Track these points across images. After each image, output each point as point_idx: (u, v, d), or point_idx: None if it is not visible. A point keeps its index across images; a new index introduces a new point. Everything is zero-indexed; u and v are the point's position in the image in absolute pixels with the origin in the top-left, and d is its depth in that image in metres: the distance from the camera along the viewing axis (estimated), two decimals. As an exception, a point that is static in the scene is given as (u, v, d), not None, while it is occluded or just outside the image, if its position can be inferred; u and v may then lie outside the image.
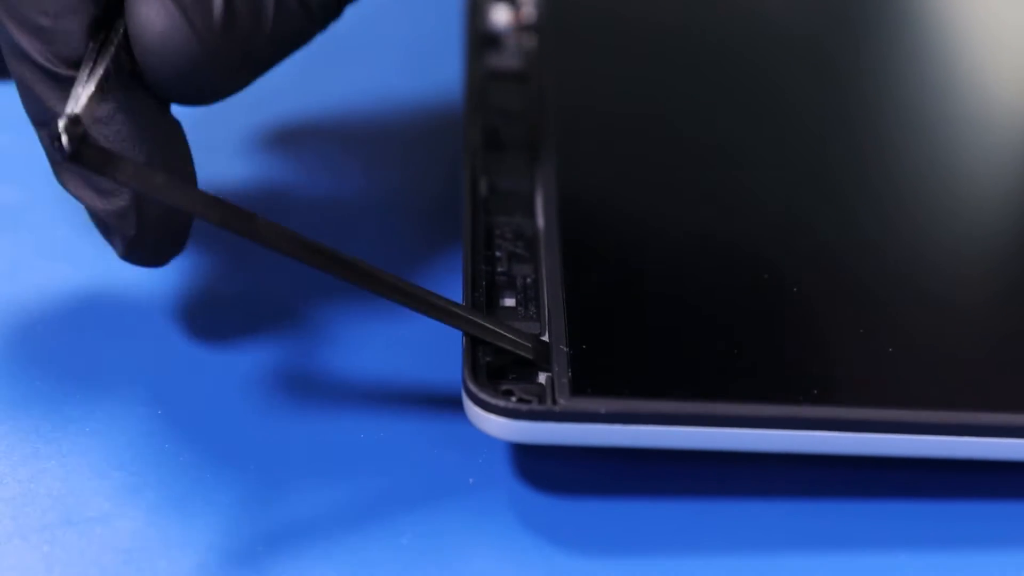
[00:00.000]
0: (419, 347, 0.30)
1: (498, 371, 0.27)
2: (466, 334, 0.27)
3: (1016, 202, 0.34)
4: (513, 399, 0.26)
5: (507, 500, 0.28)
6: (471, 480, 0.28)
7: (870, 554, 0.27)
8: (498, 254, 0.30)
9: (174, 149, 0.28)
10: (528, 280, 0.29)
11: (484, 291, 0.29)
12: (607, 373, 0.27)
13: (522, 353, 0.27)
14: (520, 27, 0.37)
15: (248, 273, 0.32)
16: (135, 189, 0.25)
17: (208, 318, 0.31)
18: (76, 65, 0.26)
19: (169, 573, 0.26)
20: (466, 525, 0.27)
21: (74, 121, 0.23)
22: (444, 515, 0.27)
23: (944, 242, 0.32)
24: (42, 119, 0.27)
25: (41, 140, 0.27)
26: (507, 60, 0.36)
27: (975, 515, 0.28)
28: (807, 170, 0.33)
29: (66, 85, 0.26)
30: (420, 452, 0.28)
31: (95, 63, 0.26)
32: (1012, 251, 0.32)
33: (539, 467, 0.28)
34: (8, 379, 0.29)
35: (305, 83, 0.38)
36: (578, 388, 0.26)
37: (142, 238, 0.27)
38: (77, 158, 0.23)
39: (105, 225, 0.27)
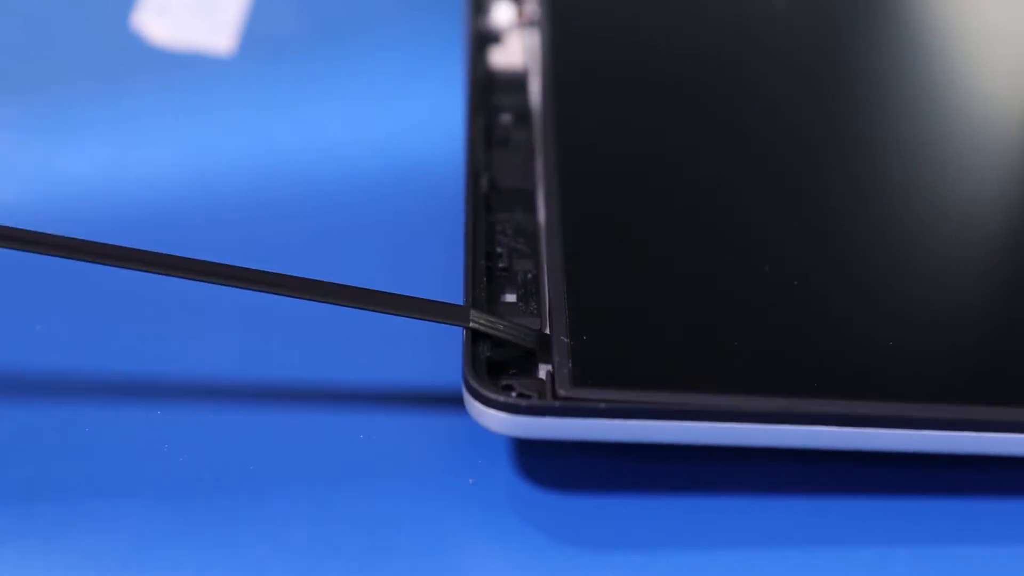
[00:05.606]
0: (419, 346, 0.30)
1: (498, 367, 0.27)
2: (467, 329, 0.27)
3: (1015, 198, 0.34)
4: (513, 394, 0.27)
5: (507, 501, 0.28)
6: (471, 480, 0.28)
7: (869, 552, 0.27)
8: (499, 250, 0.30)
9: None
10: (529, 276, 0.29)
11: (485, 287, 0.29)
12: (608, 364, 0.27)
13: (523, 343, 0.27)
14: (522, 24, 0.37)
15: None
16: None
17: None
18: None
19: (169, 573, 0.26)
20: (466, 526, 0.27)
21: None
22: (444, 516, 0.27)
23: (946, 238, 0.32)
24: None
25: None
26: (508, 57, 0.36)
27: (976, 513, 0.28)
28: (808, 165, 0.33)
29: None
30: (420, 453, 0.28)
31: None
32: (1012, 246, 0.32)
33: (540, 467, 0.28)
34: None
35: (308, 78, 0.38)
36: (579, 378, 0.26)
37: None
38: None
39: None
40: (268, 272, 0.27)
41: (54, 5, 0.40)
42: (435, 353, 0.30)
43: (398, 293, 0.27)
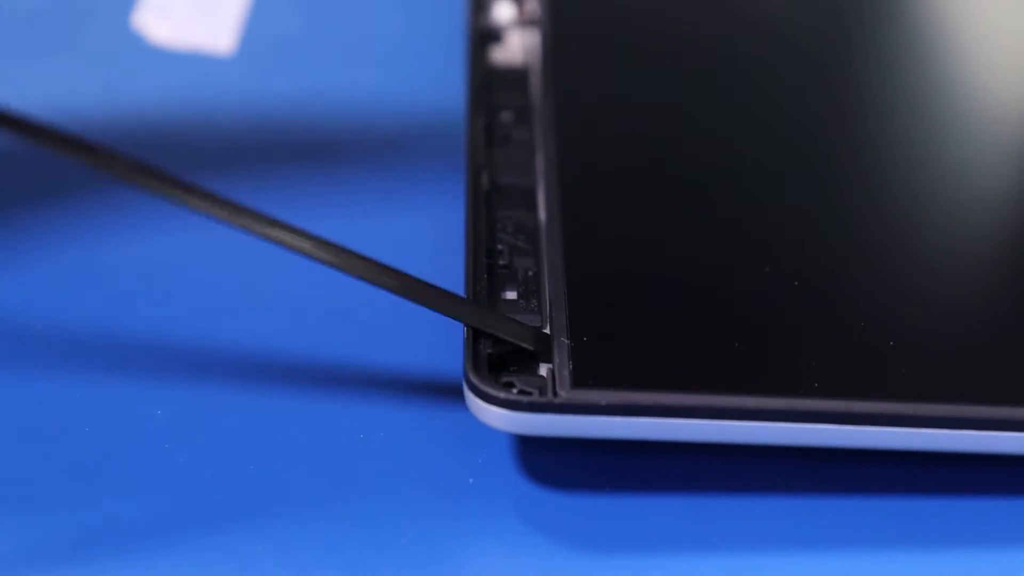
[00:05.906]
0: (419, 344, 0.30)
1: (499, 363, 0.27)
2: (467, 325, 0.27)
3: (1014, 197, 0.34)
4: (514, 391, 0.27)
5: (508, 500, 0.28)
6: (471, 480, 0.28)
7: (870, 551, 0.27)
8: (500, 247, 0.30)
9: None
10: (530, 273, 0.29)
11: (485, 284, 0.29)
12: (608, 365, 0.27)
13: (523, 343, 0.27)
14: (522, 22, 0.37)
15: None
16: None
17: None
18: None
19: (169, 572, 0.26)
20: (466, 525, 0.27)
21: None
22: (444, 515, 0.27)
23: (944, 238, 0.32)
24: None
25: None
26: (509, 55, 0.36)
27: (976, 512, 0.28)
28: (808, 167, 0.33)
29: None
30: (420, 452, 0.28)
31: None
32: (1011, 245, 0.32)
33: (540, 466, 0.28)
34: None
35: (308, 78, 0.38)
36: (579, 380, 0.26)
37: None
38: None
39: None
40: (280, 221, 0.27)
41: (54, 5, 0.40)
42: (435, 350, 0.30)
43: (404, 272, 0.27)
